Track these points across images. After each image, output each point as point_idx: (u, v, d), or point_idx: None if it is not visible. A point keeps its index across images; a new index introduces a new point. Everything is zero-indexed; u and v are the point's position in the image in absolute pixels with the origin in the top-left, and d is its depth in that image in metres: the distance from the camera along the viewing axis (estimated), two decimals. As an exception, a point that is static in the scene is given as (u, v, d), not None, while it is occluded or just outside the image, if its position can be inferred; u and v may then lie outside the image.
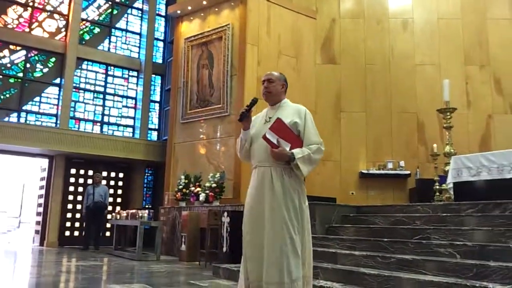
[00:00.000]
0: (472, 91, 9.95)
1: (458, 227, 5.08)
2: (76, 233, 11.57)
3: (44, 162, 11.55)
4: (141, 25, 13.03)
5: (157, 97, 13.08)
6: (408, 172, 9.63)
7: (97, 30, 12.38)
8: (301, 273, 2.90)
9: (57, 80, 11.42)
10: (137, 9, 13.06)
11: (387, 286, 4.27)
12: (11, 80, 10.95)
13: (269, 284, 2.89)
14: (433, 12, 10.35)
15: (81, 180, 11.83)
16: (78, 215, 11.61)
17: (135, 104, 12.59)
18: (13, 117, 10.79)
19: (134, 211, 9.13)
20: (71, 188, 11.56)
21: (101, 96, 12.09)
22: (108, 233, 11.81)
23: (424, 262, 4.39)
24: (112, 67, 12.32)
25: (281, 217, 2.95)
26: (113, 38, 12.54)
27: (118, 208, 11.70)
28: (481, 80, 9.98)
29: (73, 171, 11.73)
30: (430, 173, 8.95)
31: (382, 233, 5.59)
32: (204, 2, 10.16)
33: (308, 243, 3.04)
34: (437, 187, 7.81)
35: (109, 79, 12.29)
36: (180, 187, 9.35)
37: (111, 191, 12.26)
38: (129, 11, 12.92)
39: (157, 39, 13.29)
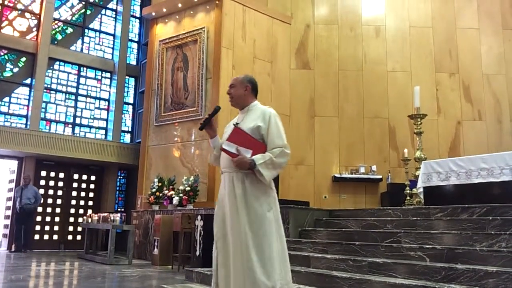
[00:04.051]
0: (442, 98, 10.20)
1: (428, 230, 5.19)
2: (46, 237, 11.33)
3: (13, 164, 11.27)
4: (115, 26, 12.89)
5: (130, 99, 12.94)
6: (380, 176, 9.79)
7: (70, 30, 12.18)
8: (270, 282, 2.83)
9: (28, 81, 11.18)
10: (111, 10, 12.92)
11: (358, 289, 4.33)
12: (-21, 80, 10.68)
13: None
14: (404, 20, 10.58)
15: (51, 183, 11.60)
16: (48, 218, 11.40)
17: (108, 106, 12.43)
18: (-19, 118, 10.52)
19: (106, 214, 9.01)
20: (41, 191, 11.30)
21: (73, 97, 11.90)
22: (79, 237, 11.63)
23: (394, 265, 4.47)
24: (84, 68, 12.14)
25: (243, 224, 2.91)
26: (86, 39, 12.37)
27: (89, 211, 11.51)
28: (450, 87, 10.25)
29: (43, 173, 11.50)
30: (401, 178, 9.13)
31: (354, 237, 5.67)
32: (179, 5, 10.12)
33: (279, 251, 2.94)
34: (408, 191, 7.97)
35: (82, 80, 12.10)
36: (154, 190, 9.27)
37: (83, 194, 12.08)
38: (103, 11, 12.77)
39: (131, 41, 13.16)
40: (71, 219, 11.80)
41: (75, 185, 12.02)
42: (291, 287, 2.96)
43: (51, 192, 11.55)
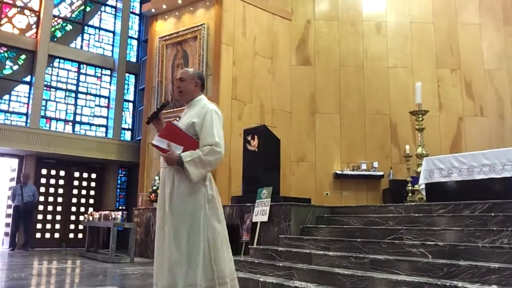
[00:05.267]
0: (443, 94, 10.17)
1: (430, 227, 5.16)
2: (47, 235, 11.33)
3: (14, 162, 11.26)
4: (114, 23, 12.85)
5: (130, 97, 12.92)
6: (382, 173, 9.77)
7: (69, 27, 12.14)
8: (191, 281, 2.83)
9: (28, 78, 11.15)
10: (111, 6, 12.88)
11: (360, 286, 4.31)
12: (-21, 78, 10.66)
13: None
14: (405, 16, 10.54)
15: (52, 181, 11.59)
16: (49, 217, 11.39)
17: (108, 103, 12.40)
18: (-19, 116, 10.51)
19: (107, 212, 9.00)
20: (42, 189, 11.30)
21: (73, 95, 11.87)
22: (80, 235, 11.62)
23: (396, 262, 4.45)
24: (84, 65, 12.11)
25: (169, 222, 2.93)
26: (86, 36, 12.33)
27: (91, 209, 11.48)
28: (452, 83, 10.21)
29: (44, 171, 11.49)
30: (403, 174, 9.11)
31: (355, 234, 5.65)
32: (179, 1, 10.09)
33: (205, 252, 2.92)
34: (410, 187, 7.94)
35: (82, 77, 12.07)
36: (155, 187, 9.24)
37: (83, 192, 12.07)
38: (102, 8, 12.73)
39: (131, 38, 13.12)
40: (72, 217, 11.80)
41: (76, 183, 12.01)
42: None
43: (52, 190, 11.54)
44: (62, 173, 11.77)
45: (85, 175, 12.18)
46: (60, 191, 11.72)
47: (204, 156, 2.92)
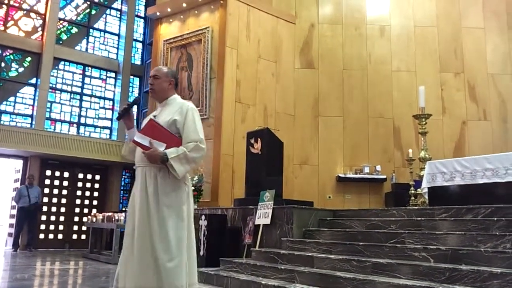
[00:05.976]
0: (447, 97, 10.16)
1: (432, 231, 5.16)
2: (50, 236, 11.38)
3: (18, 163, 11.33)
4: (119, 26, 12.92)
5: (135, 99, 12.96)
6: (384, 176, 9.76)
7: (74, 30, 12.23)
8: (179, 281, 2.82)
9: (33, 80, 11.23)
10: (116, 9, 12.95)
11: (362, 290, 4.32)
12: (-15, 80, 10.74)
13: None
14: (409, 19, 10.54)
15: (56, 182, 11.65)
16: (53, 218, 11.44)
17: (113, 105, 12.46)
18: (-13, 117, 10.58)
19: (110, 214, 9.03)
20: (46, 190, 11.36)
21: (78, 97, 11.94)
22: (84, 236, 11.67)
23: (398, 266, 4.45)
24: (89, 68, 12.18)
25: (152, 223, 2.85)
26: (91, 39, 12.41)
27: (94, 210, 11.53)
28: (456, 87, 10.19)
29: (48, 172, 11.55)
30: (406, 178, 9.09)
31: (357, 237, 5.64)
32: (184, 5, 10.13)
33: (188, 249, 2.93)
34: (412, 191, 7.92)
35: (86, 80, 12.14)
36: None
37: (87, 193, 12.12)
38: (107, 11, 12.80)
39: (136, 40, 13.19)
40: (76, 219, 11.86)
41: (79, 184, 12.07)
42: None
43: (56, 191, 11.60)
44: (66, 174, 11.83)
45: (89, 176, 12.24)
46: (64, 192, 11.79)
47: (189, 153, 2.93)
